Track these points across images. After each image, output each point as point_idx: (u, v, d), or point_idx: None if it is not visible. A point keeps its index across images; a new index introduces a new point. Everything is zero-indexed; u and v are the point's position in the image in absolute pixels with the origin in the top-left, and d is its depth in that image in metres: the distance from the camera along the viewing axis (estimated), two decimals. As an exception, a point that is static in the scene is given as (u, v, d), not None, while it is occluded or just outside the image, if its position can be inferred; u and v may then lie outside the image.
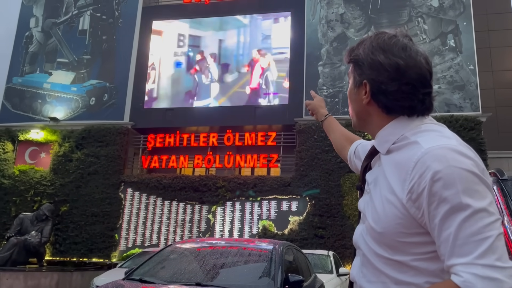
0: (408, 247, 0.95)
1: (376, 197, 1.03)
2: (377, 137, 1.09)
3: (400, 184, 0.95)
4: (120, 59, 15.01)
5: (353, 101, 1.14)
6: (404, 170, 0.95)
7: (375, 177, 1.07)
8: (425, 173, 0.89)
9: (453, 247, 0.86)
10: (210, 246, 4.36)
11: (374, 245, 1.02)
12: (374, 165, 1.12)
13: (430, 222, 0.90)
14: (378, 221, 1.00)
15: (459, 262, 0.85)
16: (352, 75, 1.13)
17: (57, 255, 13.18)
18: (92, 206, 13.21)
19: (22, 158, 14.51)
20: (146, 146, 13.95)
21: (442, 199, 0.87)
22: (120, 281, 3.66)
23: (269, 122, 13.50)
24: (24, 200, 13.72)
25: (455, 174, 0.87)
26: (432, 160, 0.90)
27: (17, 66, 15.87)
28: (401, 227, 0.95)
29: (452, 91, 12.31)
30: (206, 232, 12.44)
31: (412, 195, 0.92)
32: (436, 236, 0.90)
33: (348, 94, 1.16)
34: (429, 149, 0.92)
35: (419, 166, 0.91)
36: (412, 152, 0.95)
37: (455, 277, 0.84)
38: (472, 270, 0.82)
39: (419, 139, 0.97)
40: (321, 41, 13.59)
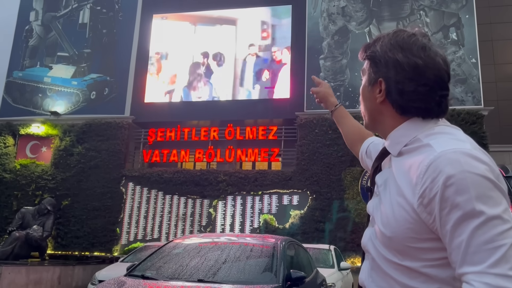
0: (418, 252, 0.92)
1: (386, 200, 0.99)
2: (389, 138, 1.05)
3: (411, 188, 0.92)
4: (120, 53, 14.95)
5: (366, 99, 1.09)
6: (415, 174, 0.91)
7: (385, 179, 1.04)
8: (438, 178, 0.86)
9: (465, 254, 0.83)
10: (211, 242, 4.36)
11: (384, 249, 0.99)
12: (385, 167, 1.09)
13: (442, 228, 0.87)
14: (388, 225, 0.96)
15: (471, 270, 0.82)
16: (367, 72, 1.09)
17: (59, 249, 13.22)
18: (94, 200, 13.24)
19: (23, 152, 14.52)
20: (147, 140, 13.93)
21: (455, 205, 0.84)
22: (122, 278, 3.66)
23: (270, 116, 13.47)
24: (26, 194, 13.75)
25: (468, 179, 0.84)
26: (445, 164, 0.86)
27: (17, 60, 15.82)
28: (412, 232, 0.92)
29: (454, 85, 12.25)
30: (207, 226, 12.46)
31: (424, 200, 0.89)
32: (447, 243, 0.87)
33: (362, 91, 1.11)
34: (442, 153, 0.88)
35: (431, 170, 0.88)
36: (424, 155, 0.91)
37: (467, 286, 0.82)
38: (485, 280, 0.80)
39: (432, 142, 0.93)
40: (322, 34, 13.51)
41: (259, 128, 13.11)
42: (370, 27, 13.20)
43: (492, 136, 11.80)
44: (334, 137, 12.12)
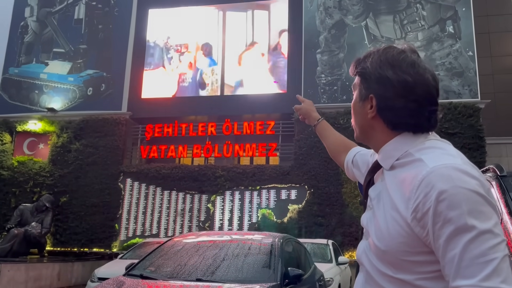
0: (412, 266, 0.94)
1: (380, 213, 1.01)
2: (380, 152, 1.07)
3: (404, 202, 0.93)
4: (116, 49, 14.89)
5: (357, 114, 1.11)
6: (408, 189, 0.93)
7: (378, 193, 1.05)
8: (430, 193, 0.88)
9: (458, 268, 0.85)
10: (210, 240, 4.38)
11: (378, 262, 1.00)
12: (377, 180, 1.10)
13: (435, 242, 0.89)
14: (382, 239, 0.98)
15: (464, 284, 0.84)
16: (358, 88, 1.11)
17: (58, 246, 13.25)
18: (92, 196, 13.25)
19: (20, 149, 14.49)
20: (145, 136, 13.93)
21: (447, 220, 0.86)
22: (121, 277, 3.68)
23: (267, 111, 13.46)
24: (24, 191, 13.75)
25: (460, 194, 0.86)
26: (437, 180, 0.88)
27: (13, 57, 15.73)
28: (405, 246, 0.93)
29: (451, 78, 12.26)
30: (206, 222, 12.51)
31: (417, 214, 0.90)
32: (441, 256, 0.88)
33: (353, 106, 1.13)
34: (434, 168, 0.90)
35: (424, 185, 0.89)
36: (417, 170, 0.93)
37: None
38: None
39: (424, 157, 0.95)
40: (319, 28, 13.47)
41: (257, 123, 13.11)
42: (367, 20, 13.17)
43: (488, 129, 11.84)
44: (331, 131, 12.12)
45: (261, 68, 13.92)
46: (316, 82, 13.07)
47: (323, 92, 12.98)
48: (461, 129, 11.50)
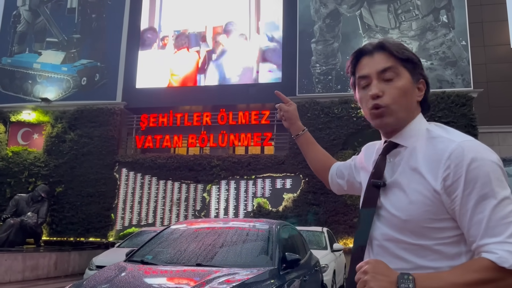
0: (433, 232, 1.04)
1: (401, 188, 1.10)
2: (403, 132, 1.16)
3: (432, 173, 1.04)
4: (110, 38, 14.80)
5: (408, 95, 1.16)
6: (437, 160, 1.05)
7: (397, 171, 1.14)
8: (462, 163, 1.00)
9: (487, 228, 0.96)
10: (208, 227, 4.46)
11: (395, 232, 1.09)
12: (391, 161, 1.18)
13: (462, 207, 1.00)
14: (404, 209, 1.07)
15: (492, 241, 0.95)
16: (408, 71, 1.17)
17: (54, 235, 13.30)
18: (87, 186, 13.28)
19: (14, 140, 14.45)
20: (140, 126, 13.93)
21: (477, 186, 0.98)
22: (122, 263, 3.75)
23: (262, 100, 13.49)
24: (19, 181, 13.74)
25: (487, 165, 1.00)
26: (468, 152, 1.01)
27: (5, 46, 15.59)
28: (430, 214, 1.04)
29: (444, 67, 12.35)
30: (202, 211, 12.60)
31: (446, 182, 1.02)
32: (467, 220, 0.99)
33: (403, 88, 1.15)
34: (462, 143, 1.03)
35: (455, 156, 1.02)
36: (444, 145, 1.06)
37: (489, 254, 0.94)
38: (506, 248, 0.93)
39: (446, 134, 1.09)
40: (313, 18, 13.47)
41: (252, 112, 13.16)
42: (361, 10, 13.18)
43: (481, 118, 11.97)
44: (326, 120, 12.22)
45: (256, 57, 13.91)
46: (310, 71, 13.11)
47: (318, 82, 13.03)
48: (454, 118, 11.62)
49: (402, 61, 1.16)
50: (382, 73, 1.15)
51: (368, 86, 1.17)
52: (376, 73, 1.15)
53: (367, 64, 1.19)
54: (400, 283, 0.94)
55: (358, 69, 1.22)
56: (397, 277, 0.95)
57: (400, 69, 1.16)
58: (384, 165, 1.17)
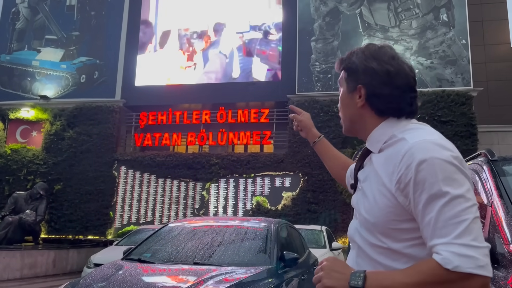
0: (399, 233, 1.04)
1: (368, 191, 1.12)
2: (369, 138, 1.17)
3: (389, 176, 1.05)
4: (109, 35, 14.76)
5: (346, 106, 1.21)
6: (392, 163, 1.05)
7: (366, 175, 1.16)
8: (411, 164, 1.00)
9: (434, 229, 0.95)
10: (206, 225, 4.44)
11: (368, 235, 1.10)
12: (366, 165, 1.21)
13: (415, 208, 0.99)
14: (371, 212, 1.08)
15: (439, 242, 0.94)
16: (345, 82, 1.21)
17: (52, 233, 13.28)
18: (86, 184, 13.25)
19: (13, 137, 14.41)
20: (139, 124, 13.90)
21: (425, 187, 0.98)
22: (119, 261, 3.73)
23: (261, 99, 13.47)
24: (17, 179, 13.71)
25: (436, 164, 0.98)
26: (417, 152, 1.00)
27: (4, 43, 15.54)
28: (392, 215, 1.04)
29: (444, 66, 12.33)
30: (201, 209, 12.58)
31: (400, 185, 1.02)
32: (420, 221, 0.99)
33: (341, 100, 1.22)
34: (415, 143, 1.02)
35: (406, 158, 1.01)
36: (399, 147, 1.05)
37: (436, 255, 0.94)
38: (450, 249, 0.92)
39: (406, 136, 1.07)
40: (313, 16, 13.44)
41: (251, 111, 13.13)
42: (361, 8, 13.15)
43: (481, 117, 11.96)
44: (325, 119, 12.20)
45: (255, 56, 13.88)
46: (310, 70, 13.08)
47: (317, 80, 13.00)
48: (453, 117, 11.61)
49: (344, 71, 1.21)
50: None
51: None
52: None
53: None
54: (351, 280, 0.97)
55: None
56: (350, 274, 0.98)
57: (342, 79, 1.21)
58: (357, 169, 1.22)
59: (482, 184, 2.29)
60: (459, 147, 11.28)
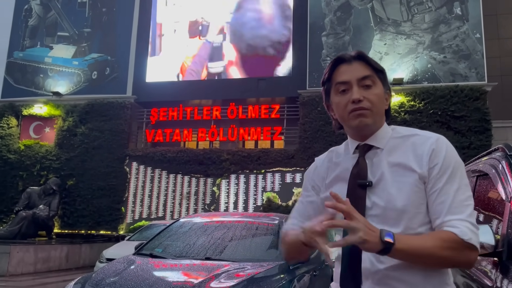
0: (423, 216, 1.19)
1: (388, 183, 1.21)
2: (376, 136, 1.28)
3: (418, 163, 1.19)
4: (120, 32, 14.82)
5: (382, 102, 1.29)
6: (421, 152, 1.21)
7: (381, 170, 1.23)
8: (441, 152, 1.20)
9: (450, 207, 1.14)
10: (217, 221, 4.44)
11: (391, 227, 1.15)
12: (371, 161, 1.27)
13: (433, 187, 1.17)
14: (398, 199, 1.18)
15: (455, 218, 1.13)
16: (381, 81, 1.29)
17: (65, 228, 13.44)
18: (98, 180, 13.36)
19: (26, 133, 14.58)
20: (150, 120, 13.96)
21: (447, 172, 1.18)
22: (131, 256, 3.74)
23: (272, 94, 13.42)
24: (31, 174, 13.88)
25: (456, 157, 1.21)
26: (445, 144, 1.22)
27: (17, 40, 15.71)
28: (420, 198, 1.18)
29: (458, 61, 12.14)
30: (211, 205, 12.61)
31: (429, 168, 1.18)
32: (434, 198, 1.17)
33: (380, 95, 1.28)
34: (439, 137, 1.23)
35: (436, 146, 1.20)
36: (424, 139, 1.23)
37: (453, 228, 1.11)
38: (465, 224, 1.12)
39: (418, 132, 1.27)
40: (324, 11, 13.32)
41: (262, 106, 13.10)
42: (373, 2, 12.99)
43: (495, 112, 11.76)
44: (336, 114, 12.11)
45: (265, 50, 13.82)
46: (321, 65, 12.98)
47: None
48: (467, 112, 11.44)
49: (376, 71, 1.28)
50: (362, 80, 1.25)
51: (347, 91, 1.26)
52: (357, 80, 1.25)
53: (346, 71, 1.27)
54: (384, 236, 1.06)
55: (337, 75, 1.29)
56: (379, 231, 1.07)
57: (376, 78, 1.27)
58: (366, 166, 1.25)
59: (500, 179, 2.24)
60: (473, 143, 11.16)
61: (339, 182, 1.29)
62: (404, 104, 11.83)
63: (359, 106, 1.22)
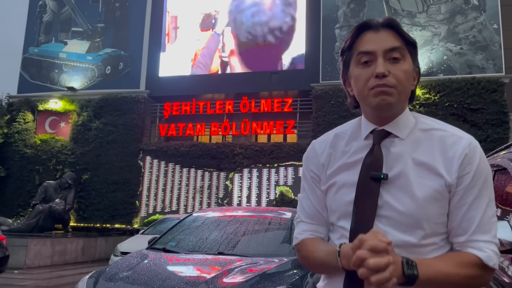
0: (441, 227, 1.03)
1: (408, 182, 1.02)
2: (396, 122, 1.09)
3: (447, 168, 1.02)
4: (133, 27, 14.89)
5: (410, 80, 1.08)
6: (451, 155, 1.02)
7: (401, 164, 1.04)
8: (473, 159, 1.02)
9: (479, 225, 1.00)
10: (230, 215, 4.43)
11: (404, 234, 1.00)
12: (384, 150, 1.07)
13: (461, 199, 1.01)
14: (416, 206, 1.00)
15: (482, 239, 0.99)
16: (410, 56, 1.09)
17: (81, 221, 13.63)
18: (113, 174, 13.50)
19: (42, 128, 14.78)
20: (163, 114, 14.02)
21: (478, 183, 1.01)
22: (144, 251, 3.76)
23: (285, 88, 13.35)
24: (47, 168, 14.08)
25: (487, 166, 1.05)
26: (477, 150, 1.04)
27: (32, 36, 15.89)
28: (441, 208, 1.02)
29: (475, 52, 11.90)
30: (224, 199, 12.65)
31: (459, 177, 1.01)
32: (462, 213, 1.01)
33: (408, 72, 1.07)
34: (471, 139, 1.05)
35: (469, 152, 1.02)
36: (454, 140, 1.04)
37: (478, 251, 0.98)
38: (492, 247, 0.99)
39: (447, 128, 1.08)
40: (337, 3, 13.17)
41: (274, 100, 13.05)
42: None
43: (512, 104, 11.53)
44: (350, 108, 12.00)
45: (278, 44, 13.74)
46: (334, 58, 12.85)
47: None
48: (484, 105, 11.23)
49: (407, 44, 1.08)
50: (389, 52, 1.05)
51: (370, 63, 1.06)
52: (383, 51, 1.05)
53: (372, 39, 1.07)
54: (406, 269, 0.91)
55: (360, 43, 1.09)
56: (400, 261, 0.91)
57: (405, 51, 1.07)
58: (381, 156, 1.05)
59: (520, 174, 2.17)
60: (490, 136, 10.95)
61: (345, 172, 1.10)
62: (419, 97, 11.65)
63: (383, 83, 1.02)
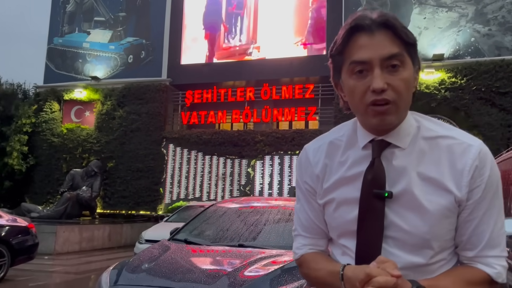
0: (449, 242, 0.97)
1: (415, 200, 0.93)
2: (397, 131, 0.96)
3: (456, 182, 0.92)
4: (155, 15, 14.93)
5: (411, 88, 0.94)
6: (460, 168, 0.92)
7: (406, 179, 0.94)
8: (484, 170, 0.93)
9: (489, 239, 0.93)
10: (251, 206, 4.45)
11: (411, 255, 0.93)
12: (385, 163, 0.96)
13: (472, 213, 0.93)
14: (426, 226, 0.92)
15: (492, 254, 0.93)
16: (410, 58, 0.94)
17: (107, 208, 13.97)
18: (137, 161, 13.73)
19: (68, 117, 15.11)
20: (185, 102, 14.11)
21: (488, 196, 0.93)
22: (166, 242, 3.82)
23: (306, 74, 13.20)
24: (73, 157, 14.43)
25: (498, 174, 0.96)
26: (488, 159, 0.94)
27: (56, 27, 16.15)
28: (451, 225, 0.95)
29: (504, 33, 11.47)
30: (246, 186, 12.71)
31: (469, 191, 0.93)
32: (472, 227, 0.93)
33: (408, 80, 0.93)
34: (481, 147, 0.94)
35: (479, 162, 0.93)
36: (463, 149, 0.93)
37: (488, 268, 0.93)
38: (501, 263, 0.93)
39: (454, 133, 0.97)
40: (360, -15, 12.85)
41: (295, 86, 12.93)
42: None
43: (544, 88, 11.10)
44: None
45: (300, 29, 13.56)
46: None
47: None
48: (513, 88, 10.86)
49: (406, 45, 0.92)
50: (387, 60, 0.90)
51: (365, 72, 0.91)
52: (380, 60, 0.90)
53: (366, 45, 0.91)
54: None
55: (352, 49, 0.93)
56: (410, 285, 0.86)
57: (405, 56, 0.92)
58: (383, 171, 0.94)
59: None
60: (520, 120, 10.59)
61: (344, 187, 1.00)
62: (444, 81, 11.35)
63: (382, 98, 0.89)
